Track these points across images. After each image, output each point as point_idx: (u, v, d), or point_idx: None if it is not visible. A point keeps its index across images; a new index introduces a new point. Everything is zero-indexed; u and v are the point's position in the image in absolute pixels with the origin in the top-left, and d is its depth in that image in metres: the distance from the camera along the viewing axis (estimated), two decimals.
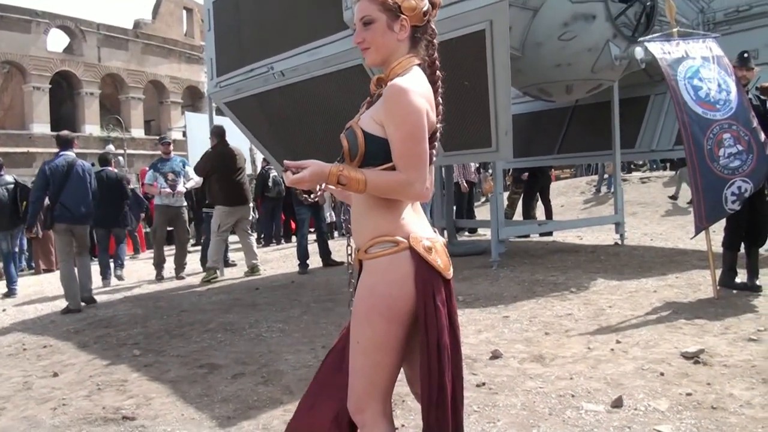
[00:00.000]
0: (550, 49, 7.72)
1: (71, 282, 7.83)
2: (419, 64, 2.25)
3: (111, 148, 30.77)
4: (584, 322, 5.21)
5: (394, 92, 2.09)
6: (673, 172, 17.44)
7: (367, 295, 2.18)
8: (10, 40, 33.58)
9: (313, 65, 7.67)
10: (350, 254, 2.43)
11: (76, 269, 7.97)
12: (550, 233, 11.26)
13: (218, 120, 10.74)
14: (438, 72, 2.31)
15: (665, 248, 9.01)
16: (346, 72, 7.39)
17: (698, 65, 5.89)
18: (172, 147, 10.69)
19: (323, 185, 2.30)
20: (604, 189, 18.21)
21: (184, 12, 44.32)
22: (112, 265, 10.51)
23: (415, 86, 2.12)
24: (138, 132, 38.64)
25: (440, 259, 2.18)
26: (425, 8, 2.23)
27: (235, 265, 10.68)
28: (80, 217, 8.00)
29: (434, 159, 2.40)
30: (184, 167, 10.22)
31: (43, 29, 35.51)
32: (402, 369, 2.30)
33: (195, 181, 10.35)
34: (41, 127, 33.50)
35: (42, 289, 10.22)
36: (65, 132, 8.79)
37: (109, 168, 10.42)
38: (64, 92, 36.89)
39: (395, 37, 2.22)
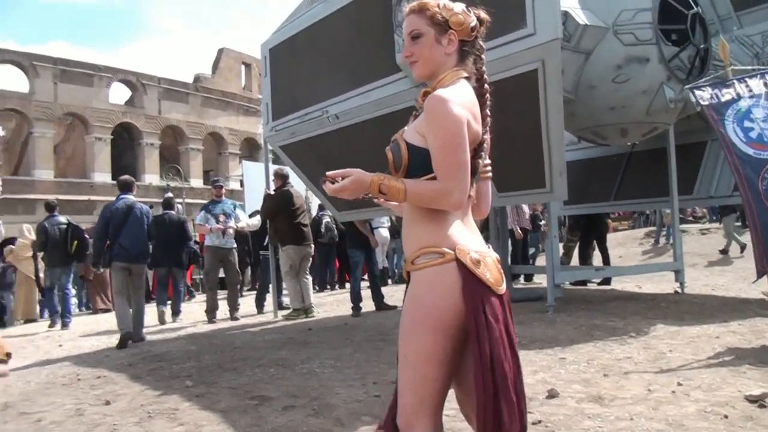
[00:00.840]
0: (604, 91, 7.69)
1: (124, 312, 8.15)
2: (467, 78, 2.27)
3: (169, 195, 31.47)
4: (644, 365, 5.06)
5: (434, 102, 2.11)
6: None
7: (413, 306, 2.16)
8: (73, 93, 34.83)
9: (365, 108, 7.76)
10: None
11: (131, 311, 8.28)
12: (608, 282, 11.07)
13: (273, 168, 10.96)
14: (486, 85, 2.32)
15: (727, 297, 8.79)
16: (398, 114, 7.45)
17: (748, 106, 5.79)
18: (224, 190, 10.93)
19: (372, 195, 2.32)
20: (662, 240, 17.90)
21: (243, 66, 45.47)
22: (169, 304, 10.79)
23: (456, 96, 2.13)
24: (197, 182, 39.45)
25: (490, 273, 2.14)
26: (473, 24, 2.26)
27: (288, 308, 10.76)
28: (137, 256, 8.36)
29: (488, 170, 2.41)
30: (234, 209, 10.44)
31: (105, 83, 36.79)
32: (453, 391, 2.26)
33: (249, 222, 10.55)
34: (102, 176, 34.44)
35: (98, 327, 10.44)
36: (126, 177, 9.14)
37: (172, 211, 10.81)
38: (125, 143, 37.95)
39: (443, 51, 2.25)
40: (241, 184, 24.11)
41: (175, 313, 10.79)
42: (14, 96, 33.91)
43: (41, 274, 12.44)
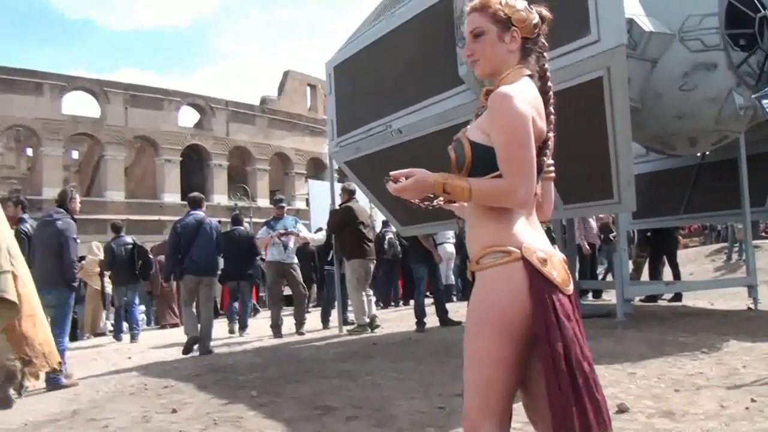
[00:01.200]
0: (671, 99, 7.51)
1: (191, 318, 8.60)
2: (530, 75, 2.24)
3: (238, 212, 32.02)
4: (716, 380, 4.89)
5: (498, 98, 2.09)
6: None
7: (478, 307, 2.12)
8: (143, 116, 35.92)
9: (428, 121, 7.74)
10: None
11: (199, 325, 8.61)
12: (679, 298, 10.76)
13: (338, 186, 11.10)
14: (549, 83, 2.29)
15: None
16: (461, 126, 7.37)
17: None
18: (285, 208, 11.08)
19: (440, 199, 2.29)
20: (735, 256, 17.37)
21: (308, 88, 46.18)
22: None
23: (520, 92, 2.10)
24: (263, 201, 40.07)
25: (557, 272, 2.08)
26: (535, 21, 2.23)
27: (353, 323, 10.78)
28: (207, 269, 8.78)
29: (552, 170, 2.36)
30: (296, 224, 10.57)
31: (174, 106, 37.83)
32: (520, 396, 2.20)
33: (314, 237, 10.70)
34: (172, 196, 35.27)
35: (166, 340, 10.66)
36: (196, 194, 9.64)
37: (241, 227, 11.21)
38: (194, 164, 38.86)
39: (506, 48, 2.22)
40: (307, 203, 24.41)
41: (242, 327, 11.00)
42: (86, 121, 35.12)
43: (108, 291, 13.14)
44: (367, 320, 9.69)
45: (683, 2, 7.52)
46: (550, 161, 2.31)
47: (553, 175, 2.37)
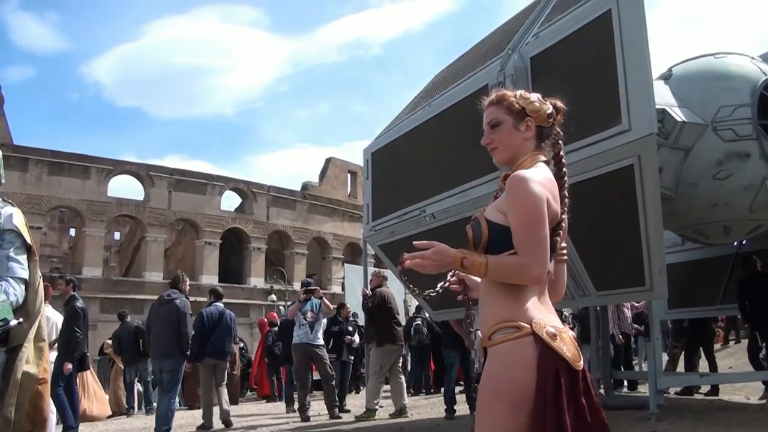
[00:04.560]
0: (705, 188, 7.55)
1: (209, 403, 9.43)
2: (545, 161, 2.36)
3: (273, 298, 32.16)
4: None
5: (515, 181, 2.20)
6: None
7: (490, 381, 2.17)
8: (186, 200, 36.62)
9: (462, 207, 7.82)
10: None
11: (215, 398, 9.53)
12: (715, 392, 10.50)
13: (371, 270, 11.23)
14: (564, 168, 2.40)
15: None
16: None
17: None
18: (314, 292, 11.05)
19: (449, 279, 2.37)
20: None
21: (349, 175, 46.81)
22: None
23: (536, 176, 2.22)
24: (300, 285, 40.12)
25: (567, 348, 2.15)
26: (549, 111, 2.37)
27: (381, 407, 10.68)
28: (224, 354, 9.80)
29: (564, 253, 2.43)
30: (320, 306, 10.55)
31: (217, 191, 38.54)
32: None
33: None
34: (210, 278, 35.55)
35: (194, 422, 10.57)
36: (219, 287, 11.29)
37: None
38: (233, 247, 39.31)
39: (521, 137, 2.36)
40: (342, 288, 24.47)
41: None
42: (130, 203, 35.87)
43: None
44: (398, 406, 9.59)
45: (715, 93, 7.65)
46: (564, 244, 2.40)
47: (565, 257, 2.45)
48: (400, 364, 10.18)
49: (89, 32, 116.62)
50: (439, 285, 2.43)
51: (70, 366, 8.54)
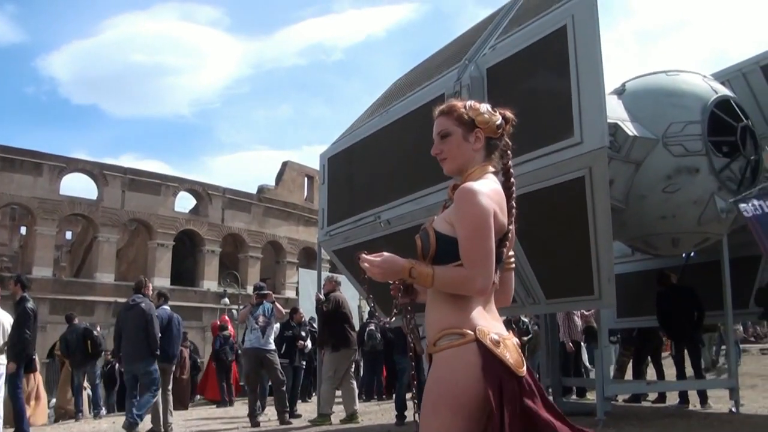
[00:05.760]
0: (655, 201, 7.72)
1: (157, 407, 9.15)
2: (494, 172, 2.40)
3: (226, 301, 31.93)
4: None
5: (463, 193, 2.24)
6: None
7: (434, 386, 2.21)
8: (140, 200, 36.15)
9: (417, 213, 7.88)
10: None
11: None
12: (663, 400, 10.71)
13: (325, 275, 11.23)
14: (512, 179, 2.45)
15: None
16: None
17: None
18: (266, 297, 10.99)
19: (396, 285, 2.41)
20: (721, 360, 17.31)
21: (306, 179, 46.64)
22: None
23: (484, 188, 2.25)
24: (252, 289, 39.82)
25: (510, 354, 2.20)
26: (498, 122, 2.41)
27: (333, 412, 10.68)
28: (172, 358, 9.73)
29: (512, 262, 2.49)
30: (272, 311, 10.50)
31: (172, 192, 38.11)
32: None
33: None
34: (162, 281, 35.06)
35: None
36: (166, 291, 11.20)
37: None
38: (186, 249, 38.88)
39: (470, 148, 2.39)
40: (297, 292, 24.38)
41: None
42: (82, 202, 35.27)
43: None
44: (349, 411, 9.59)
45: (667, 110, 7.82)
46: (511, 253, 2.45)
47: (513, 266, 2.51)
48: (352, 370, 10.15)
49: (47, 26, 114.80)
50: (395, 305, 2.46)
51: (14, 365, 8.34)
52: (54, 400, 14.27)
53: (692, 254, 9.88)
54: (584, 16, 6.12)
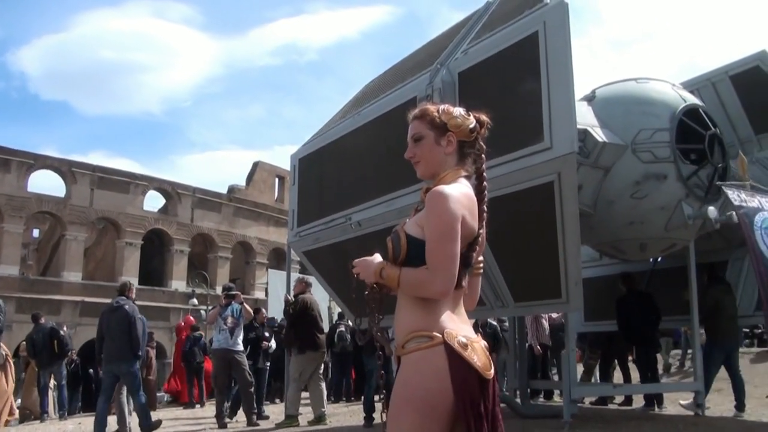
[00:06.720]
0: (623, 206, 7.81)
1: (122, 407, 9.39)
2: (466, 176, 2.41)
3: (194, 302, 31.66)
4: None
5: (434, 196, 2.25)
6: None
7: (402, 388, 2.23)
8: (109, 198, 35.67)
9: (388, 215, 7.90)
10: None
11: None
12: (629, 403, 10.82)
13: (295, 276, 11.18)
14: (485, 183, 2.45)
15: (747, 421, 8.52)
16: None
17: None
18: (234, 298, 10.89)
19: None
20: (689, 363, 17.50)
21: (277, 179, 46.41)
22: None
23: (455, 192, 2.26)
24: (221, 289, 39.53)
25: (477, 357, 2.22)
26: (471, 126, 2.42)
27: (300, 414, 10.65)
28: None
29: (480, 266, 2.51)
30: (240, 311, 10.42)
31: (141, 190, 37.70)
32: None
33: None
34: (130, 280, 34.77)
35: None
36: (126, 281, 11.42)
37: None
38: (155, 248, 38.45)
39: (443, 151, 2.41)
40: (266, 293, 24.27)
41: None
42: (50, 200, 34.79)
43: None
44: (318, 413, 9.57)
45: (636, 117, 7.92)
46: (480, 258, 2.47)
47: (481, 271, 2.52)
48: (321, 371, 10.12)
49: (16, 19, 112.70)
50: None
51: None
52: (19, 401, 14.05)
53: (659, 259, 10.01)
54: (556, 22, 6.18)
